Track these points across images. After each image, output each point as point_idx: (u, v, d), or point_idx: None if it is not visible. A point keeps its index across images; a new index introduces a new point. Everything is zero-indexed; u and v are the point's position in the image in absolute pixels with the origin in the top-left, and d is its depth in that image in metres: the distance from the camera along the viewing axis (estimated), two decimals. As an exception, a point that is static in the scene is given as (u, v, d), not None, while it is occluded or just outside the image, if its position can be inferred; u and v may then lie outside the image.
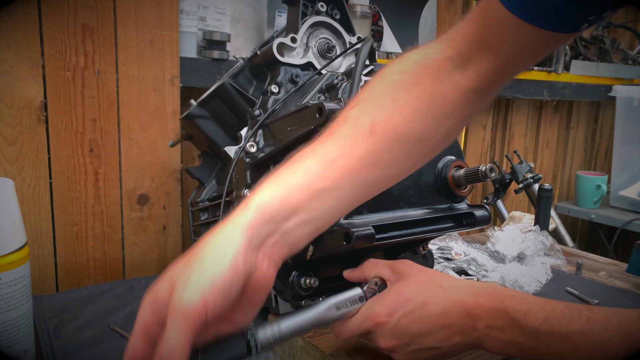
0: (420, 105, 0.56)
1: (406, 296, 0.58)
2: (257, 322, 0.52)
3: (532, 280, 0.93)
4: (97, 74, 1.04)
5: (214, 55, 1.16)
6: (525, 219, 1.57)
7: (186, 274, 0.46)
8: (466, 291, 0.57)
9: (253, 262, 0.48)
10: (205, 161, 0.97)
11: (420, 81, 0.57)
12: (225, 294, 0.45)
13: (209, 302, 0.44)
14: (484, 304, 0.55)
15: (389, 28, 1.61)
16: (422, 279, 0.59)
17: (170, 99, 1.13)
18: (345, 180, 0.53)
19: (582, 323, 0.50)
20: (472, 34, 0.57)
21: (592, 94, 2.09)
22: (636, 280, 1.07)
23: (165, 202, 1.16)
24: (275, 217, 0.49)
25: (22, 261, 0.63)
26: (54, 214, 1.04)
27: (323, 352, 0.67)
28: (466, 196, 0.78)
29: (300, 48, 0.85)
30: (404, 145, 0.56)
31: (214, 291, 0.44)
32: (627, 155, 2.11)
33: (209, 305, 0.44)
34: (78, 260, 1.08)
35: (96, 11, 1.02)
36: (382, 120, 0.55)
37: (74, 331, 0.81)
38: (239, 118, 0.88)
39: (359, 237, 0.62)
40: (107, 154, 1.08)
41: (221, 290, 0.45)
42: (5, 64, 0.95)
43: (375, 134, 0.54)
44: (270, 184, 0.52)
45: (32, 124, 1.00)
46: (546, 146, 2.19)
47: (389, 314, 0.58)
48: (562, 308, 0.52)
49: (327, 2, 0.88)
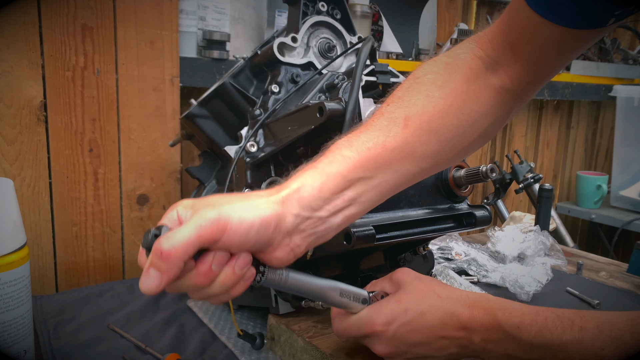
0: (454, 102, 0.57)
1: (405, 305, 0.58)
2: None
3: (533, 281, 0.92)
4: (96, 74, 1.04)
5: (214, 55, 1.16)
6: (526, 219, 1.57)
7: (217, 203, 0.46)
8: (461, 303, 0.57)
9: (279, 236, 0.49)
10: (205, 161, 0.97)
11: (453, 79, 0.58)
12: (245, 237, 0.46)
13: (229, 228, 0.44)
14: (478, 317, 0.56)
15: (389, 28, 1.61)
16: (420, 288, 0.59)
17: (170, 99, 1.13)
18: (379, 171, 0.54)
19: (574, 333, 0.50)
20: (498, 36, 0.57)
21: (593, 93, 2.09)
22: (636, 280, 1.07)
23: (165, 202, 1.16)
24: (312, 204, 0.50)
25: (22, 261, 0.63)
26: (54, 214, 1.04)
27: (323, 352, 0.67)
28: (467, 196, 0.78)
29: (300, 48, 0.85)
30: (438, 140, 0.57)
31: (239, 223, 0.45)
32: (627, 155, 2.11)
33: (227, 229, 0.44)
34: (78, 260, 1.08)
35: (96, 11, 1.02)
36: (415, 114, 0.56)
37: (74, 331, 0.81)
38: (240, 118, 0.88)
39: (359, 237, 0.62)
40: (106, 154, 1.08)
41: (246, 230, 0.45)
42: (5, 64, 0.95)
43: (409, 126, 0.55)
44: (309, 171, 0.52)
45: (32, 124, 1.00)
46: (546, 146, 2.19)
47: (387, 323, 0.58)
48: (554, 319, 0.52)
49: (328, 2, 0.88)
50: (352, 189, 0.52)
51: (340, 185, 0.52)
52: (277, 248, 0.49)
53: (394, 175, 0.55)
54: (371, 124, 0.56)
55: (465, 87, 0.57)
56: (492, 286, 0.98)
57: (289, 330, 0.72)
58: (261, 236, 0.47)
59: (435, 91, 0.57)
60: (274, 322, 0.75)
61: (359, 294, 0.60)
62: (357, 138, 0.55)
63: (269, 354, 0.75)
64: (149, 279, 0.43)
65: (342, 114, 0.66)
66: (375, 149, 0.54)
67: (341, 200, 0.52)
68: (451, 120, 0.57)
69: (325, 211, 0.51)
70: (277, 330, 0.74)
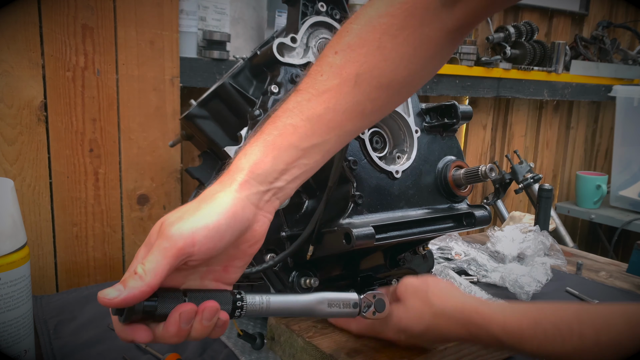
0: (406, 51, 0.55)
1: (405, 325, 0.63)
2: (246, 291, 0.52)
3: (532, 281, 0.93)
4: (97, 74, 1.04)
5: (214, 55, 1.16)
6: (525, 219, 1.57)
7: (180, 215, 0.46)
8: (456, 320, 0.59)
9: (250, 215, 0.49)
10: (205, 161, 0.97)
11: (408, 24, 0.55)
12: (218, 237, 0.46)
13: (197, 238, 0.44)
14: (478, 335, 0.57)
15: (389, 28, 1.61)
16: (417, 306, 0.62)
17: (170, 99, 1.13)
18: (331, 134, 0.54)
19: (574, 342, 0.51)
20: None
21: (592, 94, 2.09)
22: (636, 280, 1.07)
23: (165, 202, 1.16)
24: (268, 178, 0.51)
25: (22, 261, 0.63)
26: (54, 214, 1.04)
27: (323, 352, 0.67)
28: (466, 196, 0.78)
29: (300, 48, 0.85)
30: (387, 93, 0.56)
31: (206, 229, 0.45)
32: (627, 155, 2.11)
33: (197, 241, 0.44)
34: (78, 260, 1.08)
35: (96, 11, 1.02)
36: (367, 70, 0.54)
37: (74, 331, 0.81)
38: (239, 118, 0.88)
39: (359, 237, 0.62)
40: (107, 154, 1.08)
41: (214, 230, 0.46)
42: (5, 64, 0.95)
43: (360, 85, 0.54)
44: (258, 144, 0.52)
45: (32, 124, 1.00)
46: (546, 146, 2.19)
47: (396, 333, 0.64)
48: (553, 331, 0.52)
49: (327, 2, 0.88)
50: (306, 157, 0.53)
51: (294, 155, 0.52)
52: (255, 223, 0.50)
53: (345, 134, 0.56)
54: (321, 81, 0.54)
55: (419, 32, 0.55)
56: (491, 286, 0.98)
57: (289, 330, 0.72)
58: (233, 227, 0.47)
59: (388, 41, 0.54)
60: (274, 322, 0.75)
61: (348, 299, 0.58)
62: (308, 103, 0.53)
63: (269, 354, 0.75)
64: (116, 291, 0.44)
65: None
66: (327, 114, 0.53)
67: (297, 169, 0.53)
68: (401, 72, 0.56)
69: (282, 181, 0.52)
70: (277, 330, 0.74)
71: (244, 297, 0.50)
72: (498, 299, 0.93)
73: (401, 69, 0.56)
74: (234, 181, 0.49)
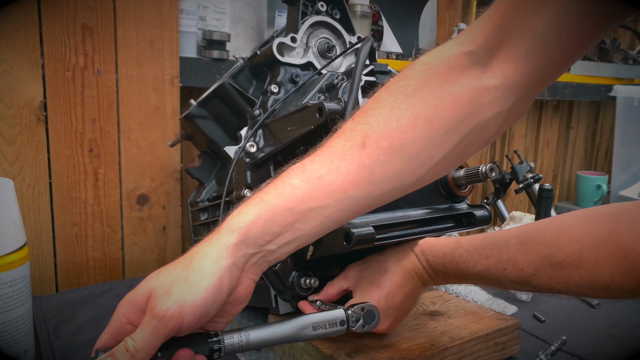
0: (422, 110, 0.50)
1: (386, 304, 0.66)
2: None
3: (533, 281, 0.92)
4: (96, 74, 1.04)
5: (214, 55, 1.16)
6: (526, 219, 1.57)
7: (168, 285, 0.46)
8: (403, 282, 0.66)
9: (235, 281, 0.49)
10: (205, 161, 0.97)
11: (426, 83, 0.51)
12: (205, 312, 0.46)
13: (186, 315, 0.45)
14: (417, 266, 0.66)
15: (389, 28, 1.61)
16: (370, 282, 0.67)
17: (170, 99, 1.13)
18: (332, 199, 0.50)
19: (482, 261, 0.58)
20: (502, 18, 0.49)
21: (593, 93, 2.09)
22: (636, 280, 1.07)
23: (165, 202, 1.16)
24: (258, 241, 0.49)
25: (22, 261, 0.63)
26: (54, 214, 1.04)
27: (323, 352, 0.67)
28: (466, 196, 0.78)
29: (300, 48, 0.85)
30: (401, 158, 0.50)
31: (194, 306, 0.45)
32: (627, 155, 2.11)
33: (185, 318, 0.45)
34: (78, 260, 1.08)
35: (96, 11, 1.02)
36: (376, 131, 0.50)
37: (74, 331, 0.81)
38: (239, 118, 0.88)
39: (359, 237, 0.62)
40: (106, 154, 1.08)
41: (202, 307, 0.46)
42: (5, 64, 0.95)
43: (367, 146, 0.50)
44: (254, 203, 0.50)
45: (32, 124, 1.00)
46: (546, 146, 2.19)
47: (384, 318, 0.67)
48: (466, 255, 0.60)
49: (327, 2, 0.88)
50: (302, 221, 0.49)
51: (288, 218, 0.49)
52: (239, 285, 0.49)
53: (351, 202, 0.51)
54: (329, 146, 0.52)
55: (439, 90, 0.50)
56: (491, 286, 0.97)
57: (289, 330, 0.72)
58: (220, 299, 0.47)
59: (402, 101, 0.50)
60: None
61: (333, 318, 0.54)
62: (312, 163, 0.51)
63: (269, 354, 0.75)
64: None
65: (342, 114, 0.66)
66: (327, 175, 0.49)
67: (290, 233, 0.50)
68: (417, 133, 0.50)
69: (274, 245, 0.50)
70: (276, 330, 0.74)
71: (221, 339, 0.49)
72: (498, 299, 0.93)
73: (416, 131, 0.50)
74: (222, 245, 0.48)
